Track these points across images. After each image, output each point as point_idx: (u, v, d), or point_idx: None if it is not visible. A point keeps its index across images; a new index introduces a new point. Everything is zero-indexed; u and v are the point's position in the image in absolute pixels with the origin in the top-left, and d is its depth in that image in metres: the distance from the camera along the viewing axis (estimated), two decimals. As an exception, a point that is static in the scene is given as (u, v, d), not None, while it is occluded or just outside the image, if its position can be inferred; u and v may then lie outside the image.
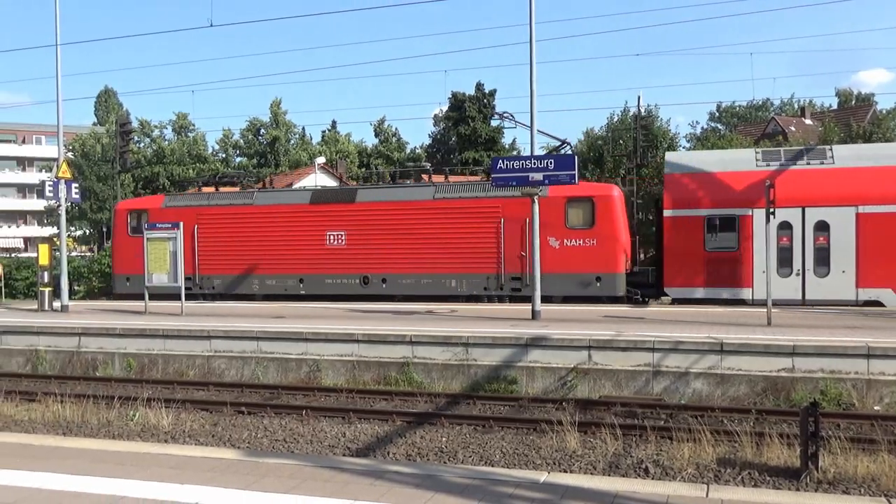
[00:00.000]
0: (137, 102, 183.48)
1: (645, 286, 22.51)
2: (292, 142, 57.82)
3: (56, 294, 22.11)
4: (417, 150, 61.81)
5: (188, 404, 13.38)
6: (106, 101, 77.01)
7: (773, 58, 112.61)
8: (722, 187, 20.52)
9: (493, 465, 9.63)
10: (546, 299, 19.52)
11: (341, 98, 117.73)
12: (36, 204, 67.92)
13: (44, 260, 22.80)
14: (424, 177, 25.24)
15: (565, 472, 9.10)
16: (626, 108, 46.57)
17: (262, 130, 56.46)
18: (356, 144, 60.92)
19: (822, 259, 19.75)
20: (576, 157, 17.54)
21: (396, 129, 62.96)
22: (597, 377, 13.76)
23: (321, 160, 46.54)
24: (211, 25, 21.63)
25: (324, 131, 63.62)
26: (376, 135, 63.17)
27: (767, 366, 12.93)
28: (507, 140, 56.52)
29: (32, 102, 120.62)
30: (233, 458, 7.45)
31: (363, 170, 35.07)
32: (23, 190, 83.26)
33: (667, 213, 21.07)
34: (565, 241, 21.50)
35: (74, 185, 22.45)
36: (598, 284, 21.34)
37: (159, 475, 6.64)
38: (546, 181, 17.00)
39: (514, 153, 53.10)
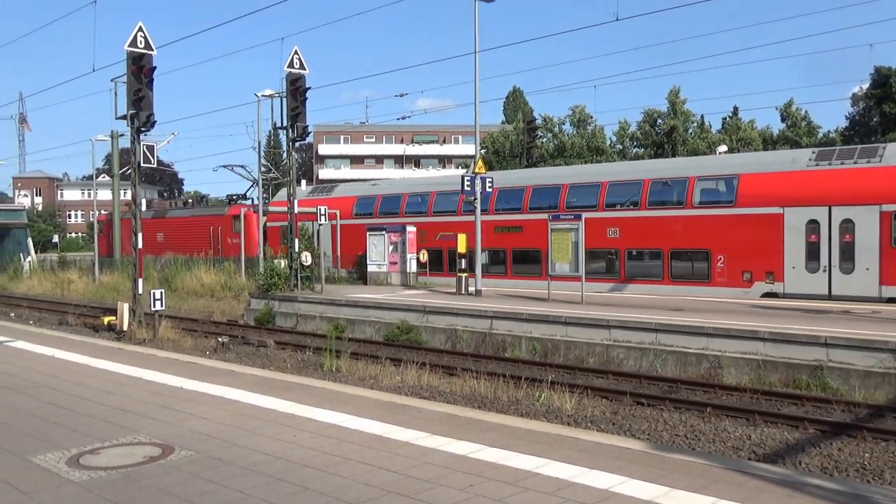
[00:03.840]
0: (541, 100, 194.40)
1: None
2: (690, 131, 56.40)
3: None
4: (831, 134, 56.26)
5: (589, 391, 13.78)
6: (514, 101, 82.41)
7: None
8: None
9: (930, 493, 8.40)
10: None
11: (744, 83, 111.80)
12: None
13: (462, 248, 25.20)
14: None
15: None
16: None
17: (660, 121, 55.93)
18: (760, 131, 57.36)
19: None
20: None
21: (806, 111, 57.95)
22: None
23: (722, 148, 44.64)
24: (616, 19, 21.80)
25: (724, 118, 61.01)
26: (783, 119, 58.87)
27: None
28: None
29: (454, 105, 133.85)
30: (637, 449, 7.48)
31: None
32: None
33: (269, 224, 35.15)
34: (230, 240, 38.53)
35: (488, 179, 24.41)
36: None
37: (569, 457, 6.91)
38: None
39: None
